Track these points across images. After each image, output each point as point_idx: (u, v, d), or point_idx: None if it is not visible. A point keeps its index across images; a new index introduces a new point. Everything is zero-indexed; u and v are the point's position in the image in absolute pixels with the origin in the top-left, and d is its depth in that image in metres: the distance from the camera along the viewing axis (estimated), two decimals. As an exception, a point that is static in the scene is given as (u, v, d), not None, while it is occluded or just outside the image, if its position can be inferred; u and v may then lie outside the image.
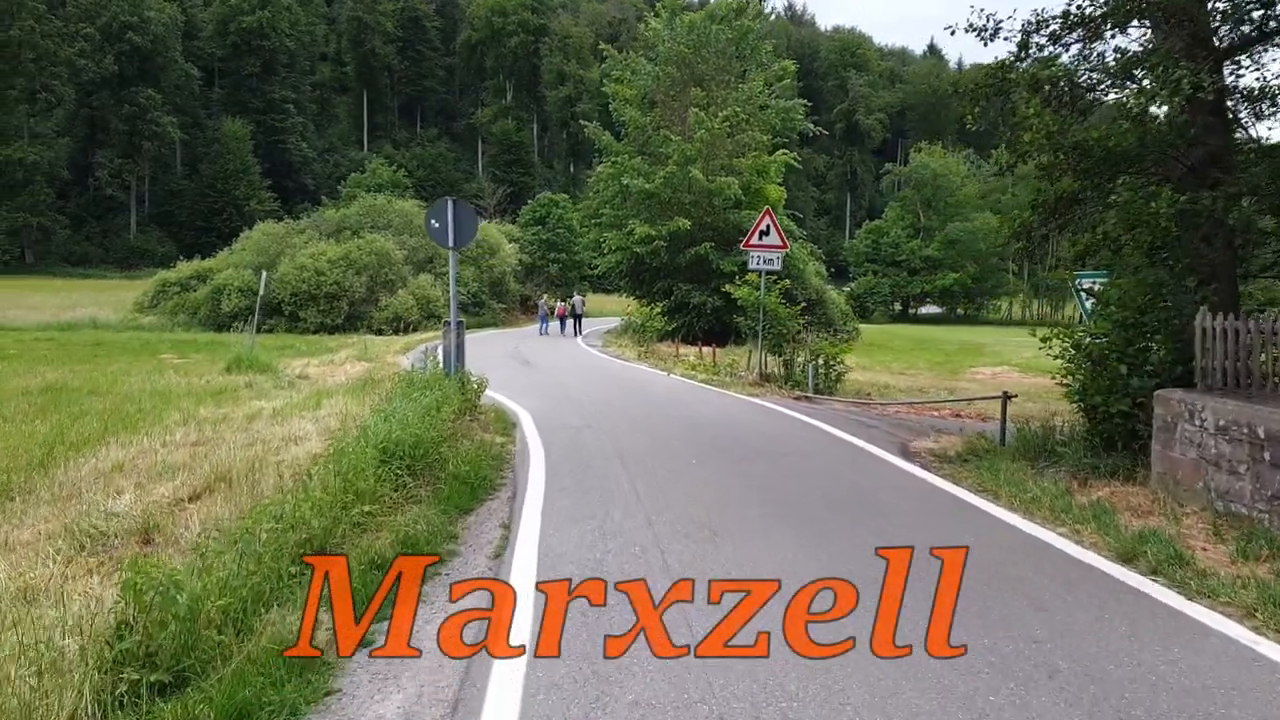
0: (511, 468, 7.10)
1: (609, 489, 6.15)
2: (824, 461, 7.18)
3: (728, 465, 6.92)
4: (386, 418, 6.38)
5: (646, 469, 6.82)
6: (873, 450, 7.91)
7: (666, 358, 20.26)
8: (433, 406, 6.79)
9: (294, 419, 10.22)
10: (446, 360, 9.07)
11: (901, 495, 6.06)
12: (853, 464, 7.17)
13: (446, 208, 8.97)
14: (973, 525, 5.31)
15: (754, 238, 13.47)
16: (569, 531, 5.12)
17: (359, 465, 5.23)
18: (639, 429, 8.98)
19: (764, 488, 6.16)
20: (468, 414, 8.75)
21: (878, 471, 6.91)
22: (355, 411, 10.00)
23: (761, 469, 6.78)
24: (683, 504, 5.66)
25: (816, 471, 6.80)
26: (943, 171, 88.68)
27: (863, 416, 10.89)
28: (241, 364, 15.72)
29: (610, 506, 5.66)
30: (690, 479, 6.43)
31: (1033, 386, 17.88)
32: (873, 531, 5.08)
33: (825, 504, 5.75)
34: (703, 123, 28.01)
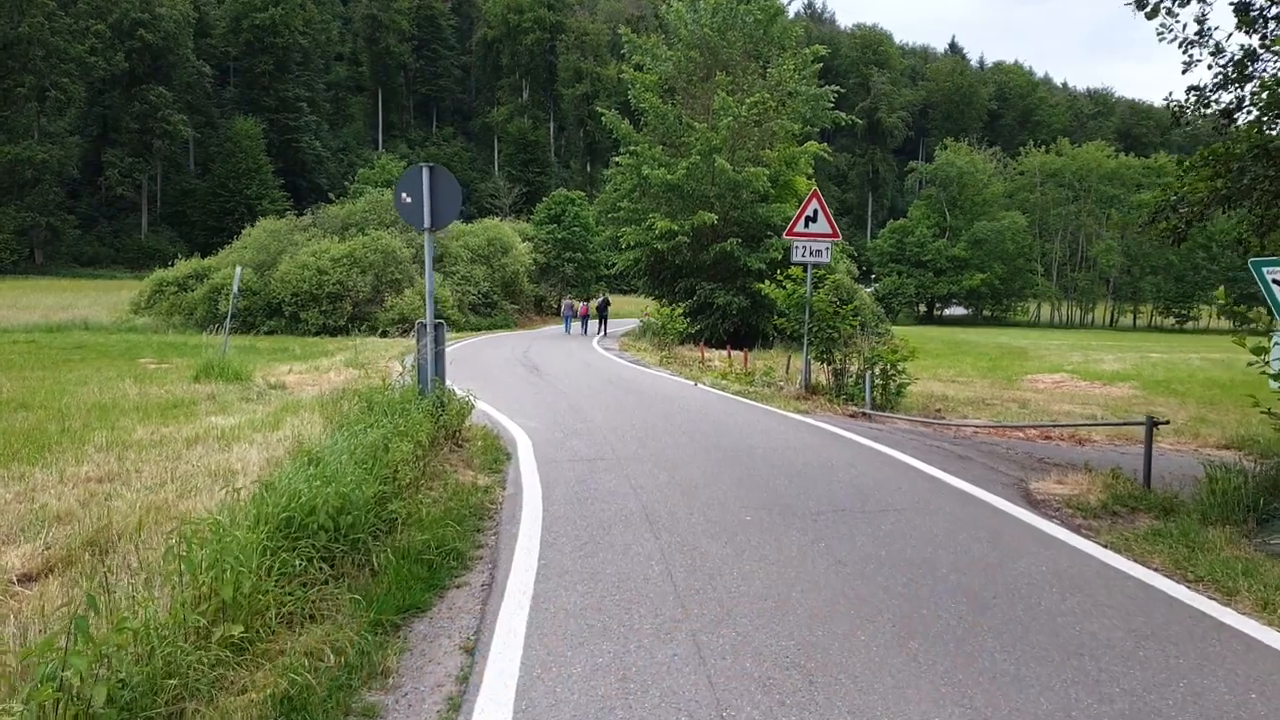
0: (495, 527, 5.10)
1: (631, 575, 4.14)
2: (934, 524, 5.11)
3: (801, 532, 4.87)
4: (313, 462, 4.41)
5: (684, 536, 4.79)
6: (987, 499, 5.84)
7: (691, 363, 18.21)
8: (380, 445, 4.81)
9: (242, 443, 8.32)
10: (421, 373, 7.11)
11: (1077, 589, 3.98)
12: (975, 527, 5.09)
13: (421, 178, 7.00)
14: (1233, 661, 3.25)
15: (799, 225, 11.42)
16: (568, 668, 3.12)
17: (242, 550, 3.26)
18: (667, 463, 6.95)
19: (866, 578, 4.11)
20: (447, 443, 6.77)
21: (1017, 540, 4.82)
22: (314, 434, 8.12)
23: (852, 541, 4.71)
24: (749, 613, 3.63)
25: (931, 542, 4.73)
26: (968, 169, 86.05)
27: (941, 441, 8.81)
28: (211, 371, 13.87)
29: (635, 613, 3.65)
30: (753, 560, 4.38)
31: (1110, 399, 15.68)
32: (1079, 681, 3.04)
33: (973, 611, 3.69)
34: (729, 109, 25.93)
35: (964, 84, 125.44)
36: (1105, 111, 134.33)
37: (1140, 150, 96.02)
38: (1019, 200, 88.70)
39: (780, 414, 10.14)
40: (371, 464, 4.49)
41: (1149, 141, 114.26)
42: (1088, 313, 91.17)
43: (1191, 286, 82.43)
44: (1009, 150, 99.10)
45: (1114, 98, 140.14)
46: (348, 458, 4.43)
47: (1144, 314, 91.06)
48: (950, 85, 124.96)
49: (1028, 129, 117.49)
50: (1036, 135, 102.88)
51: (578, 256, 47.79)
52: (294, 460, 4.68)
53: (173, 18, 74.17)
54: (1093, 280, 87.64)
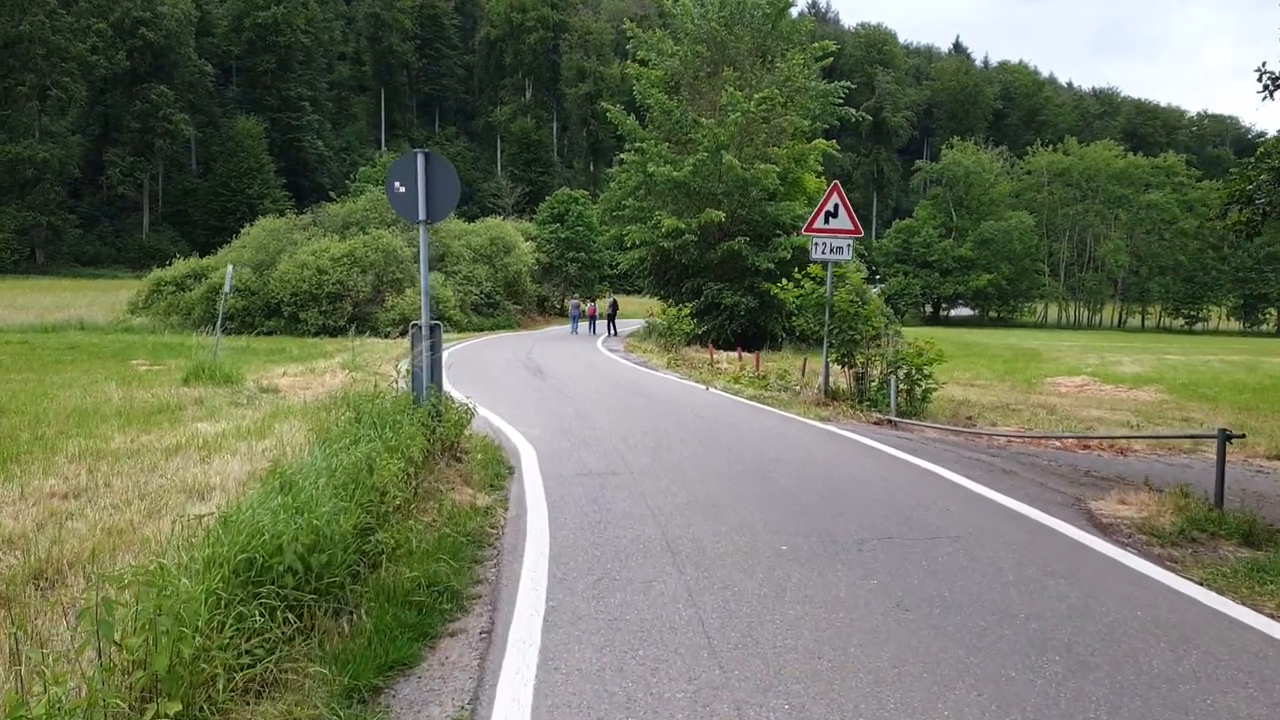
0: (496, 558, 4.49)
1: (656, 621, 3.52)
2: (997, 555, 4.47)
3: (847, 566, 4.24)
4: (285, 487, 3.80)
5: (712, 570, 4.17)
6: (1049, 523, 5.21)
7: (700, 366, 17.58)
8: (364, 465, 4.19)
9: (224, 454, 7.73)
10: (415, 380, 6.49)
11: (1189, 644, 3.30)
12: (1045, 558, 4.44)
13: (415, 165, 6.35)
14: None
15: (818, 220, 10.78)
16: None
17: (186, 605, 2.65)
18: (685, 478, 6.33)
19: (934, 627, 3.46)
20: (444, 457, 6.16)
21: (1098, 576, 4.14)
22: (299, 443, 7.52)
23: (908, 577, 4.07)
24: (801, 676, 2.99)
25: (999, 579, 4.09)
26: (975, 169, 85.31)
27: (977, 452, 8.18)
28: (202, 374, 13.28)
29: (663, 675, 3.02)
30: (796, 601, 3.74)
31: (1139, 404, 15.02)
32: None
33: (1072, 674, 3.03)
34: (737, 104, 25.30)
35: (969, 83, 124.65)
36: (1111, 111, 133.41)
37: (1146, 150, 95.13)
38: (1026, 200, 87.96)
39: (801, 421, 9.51)
40: (353, 488, 3.88)
41: (1155, 141, 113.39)
42: (1095, 314, 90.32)
43: (1201, 287, 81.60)
44: (1015, 150, 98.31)
45: (1120, 97, 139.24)
46: (325, 481, 3.81)
47: (1152, 315, 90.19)
48: (955, 85, 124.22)
49: (1033, 129, 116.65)
50: (1042, 135, 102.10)
51: (581, 256, 47.18)
52: (265, 484, 4.06)
53: (174, 16, 73.72)
54: (1100, 281, 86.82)
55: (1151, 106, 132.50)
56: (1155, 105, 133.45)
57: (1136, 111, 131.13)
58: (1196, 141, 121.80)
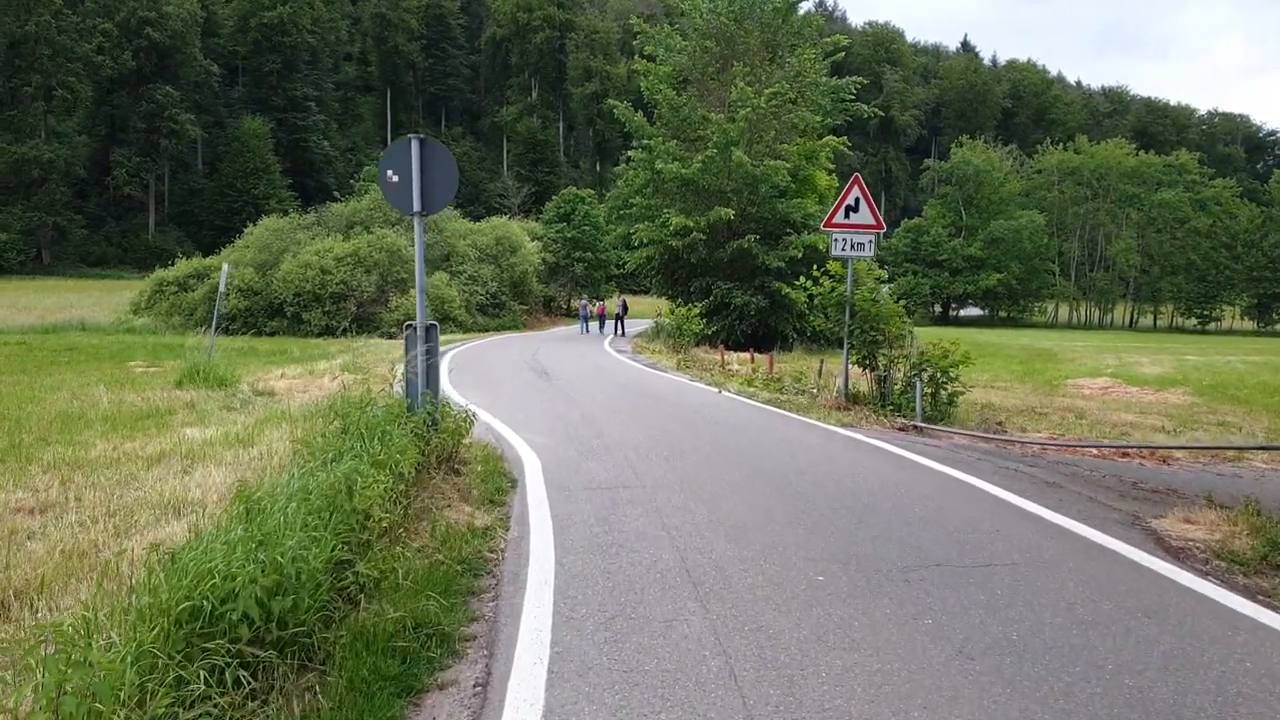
0: (495, 589, 3.96)
1: (680, 674, 2.99)
2: (1064, 587, 3.93)
3: (894, 601, 3.71)
4: (251, 513, 3.29)
5: (740, 606, 3.64)
6: (1113, 546, 4.66)
7: (711, 367, 17.05)
8: (343, 485, 3.67)
9: (209, 463, 7.24)
10: (410, 386, 5.97)
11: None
12: (1120, 591, 3.89)
13: (410, 152, 5.81)
14: None
15: (838, 215, 10.24)
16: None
17: (110, 672, 2.14)
18: (703, 493, 5.80)
19: (1008, 681, 2.91)
20: (440, 469, 5.65)
21: (1187, 615, 3.57)
22: (286, 452, 7.04)
23: (966, 615, 3.55)
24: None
25: (1072, 617, 3.54)
26: (985, 167, 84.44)
27: (1013, 461, 7.63)
28: (196, 377, 12.82)
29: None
30: (841, 647, 3.20)
31: (1169, 407, 14.41)
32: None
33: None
34: (747, 100, 24.75)
35: (977, 82, 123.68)
36: (1121, 110, 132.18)
37: (1157, 149, 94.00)
38: (1036, 199, 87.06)
39: (822, 427, 8.97)
40: (329, 514, 3.37)
41: (1166, 140, 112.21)
42: (1106, 314, 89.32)
43: (1214, 287, 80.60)
44: (1024, 149, 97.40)
45: (1129, 96, 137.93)
46: (297, 506, 3.30)
47: (1164, 315, 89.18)
48: (963, 83, 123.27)
49: (1042, 127, 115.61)
50: (1052, 134, 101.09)
51: (588, 256, 46.71)
52: (231, 508, 3.55)
53: (180, 16, 73.56)
54: (1111, 281, 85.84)
55: (1161, 105, 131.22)
56: (1165, 104, 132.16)
57: (1146, 110, 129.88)
58: (1207, 140, 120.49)
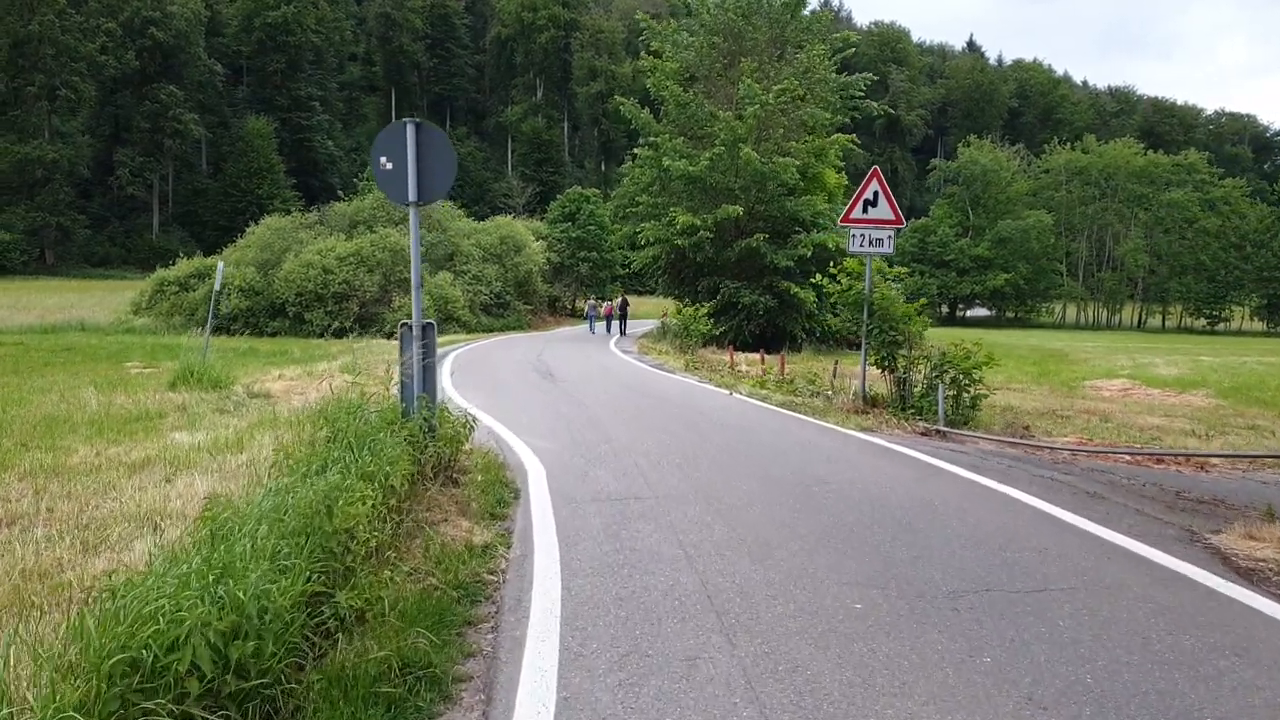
0: (494, 619, 3.55)
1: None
2: (1134, 617, 3.51)
3: (945, 634, 3.28)
4: (217, 538, 2.89)
5: (771, 640, 3.21)
6: (1177, 567, 4.23)
7: (720, 368, 16.62)
8: (323, 504, 3.25)
9: (193, 470, 6.85)
10: (404, 390, 5.56)
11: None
12: (1197, 622, 3.45)
13: (404, 137, 5.38)
14: None
15: (855, 210, 9.81)
16: None
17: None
18: (720, 505, 5.37)
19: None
20: (438, 479, 5.24)
21: (1277, 651, 3.22)
22: (273, 460, 6.64)
23: (1029, 651, 3.13)
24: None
25: (1149, 653, 3.10)
26: (992, 167, 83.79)
27: (1046, 469, 7.21)
28: (190, 378, 12.44)
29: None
30: (891, 693, 2.73)
31: (1194, 410, 13.94)
32: None
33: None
34: (755, 96, 24.32)
35: (984, 81, 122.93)
36: (1128, 110, 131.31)
37: (1164, 148, 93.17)
38: (1044, 199, 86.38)
39: (841, 432, 8.53)
40: (305, 536, 2.97)
41: (1173, 140, 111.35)
42: (1114, 314, 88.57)
43: (1224, 287, 79.86)
44: (1031, 148, 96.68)
45: (1135, 95, 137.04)
46: (269, 529, 2.89)
47: (1173, 315, 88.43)
48: (970, 83, 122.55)
49: (1049, 127, 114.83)
50: (1059, 133, 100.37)
51: (593, 256, 46.28)
52: (195, 530, 3.13)
53: (184, 16, 73.38)
54: (1120, 281, 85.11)
55: (1168, 105, 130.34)
56: (1172, 103, 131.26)
57: (1153, 110, 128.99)
58: (1214, 140, 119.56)
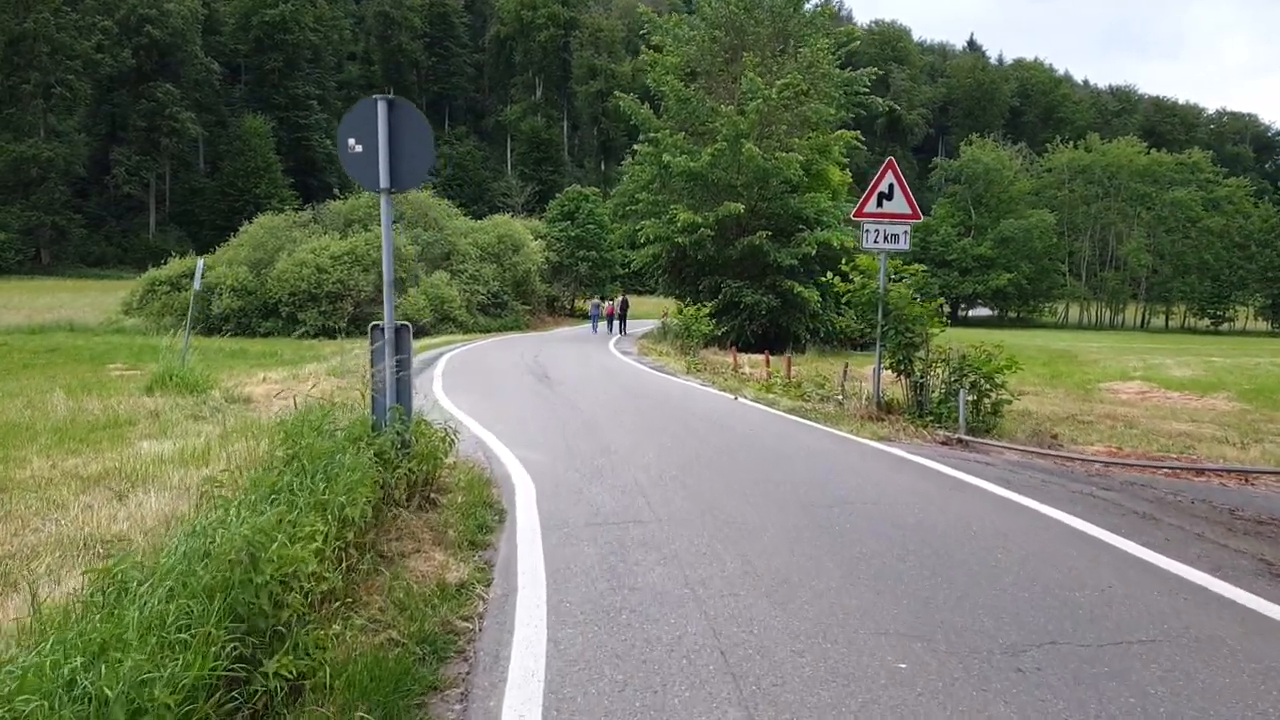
0: (465, 681, 2.93)
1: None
2: (1230, 676, 2.92)
3: (1012, 706, 2.68)
4: (120, 592, 2.28)
5: (802, 717, 2.62)
6: (1269, 612, 3.63)
7: (723, 370, 16.02)
8: (241, 552, 2.61)
9: (153, 485, 6.25)
10: (375, 401, 4.95)
11: None
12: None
13: (375, 116, 4.78)
14: None
15: (869, 204, 9.22)
16: None
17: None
18: (732, 531, 4.77)
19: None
20: (413, 500, 4.64)
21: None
22: (242, 470, 6.04)
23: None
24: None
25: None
26: (994, 166, 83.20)
27: (1083, 483, 6.61)
28: (167, 381, 11.84)
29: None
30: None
31: (1220, 414, 13.34)
32: None
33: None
34: (757, 91, 23.73)
35: (985, 80, 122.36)
36: (1129, 109, 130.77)
37: (1166, 148, 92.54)
38: (1046, 198, 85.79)
39: (857, 442, 7.93)
40: (221, 595, 2.37)
41: (1174, 139, 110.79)
42: (1118, 314, 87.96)
43: (1227, 287, 79.34)
44: (1033, 147, 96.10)
45: (1136, 95, 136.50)
46: (173, 588, 2.29)
47: (1176, 315, 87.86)
48: (971, 82, 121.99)
49: (1051, 126, 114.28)
50: (1060, 132, 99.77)
51: (592, 255, 45.68)
52: (94, 583, 2.51)
53: (181, 14, 72.79)
54: (1122, 280, 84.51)
55: (1170, 104, 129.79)
56: (1173, 102, 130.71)
57: (1155, 109, 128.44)
58: (1216, 139, 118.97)
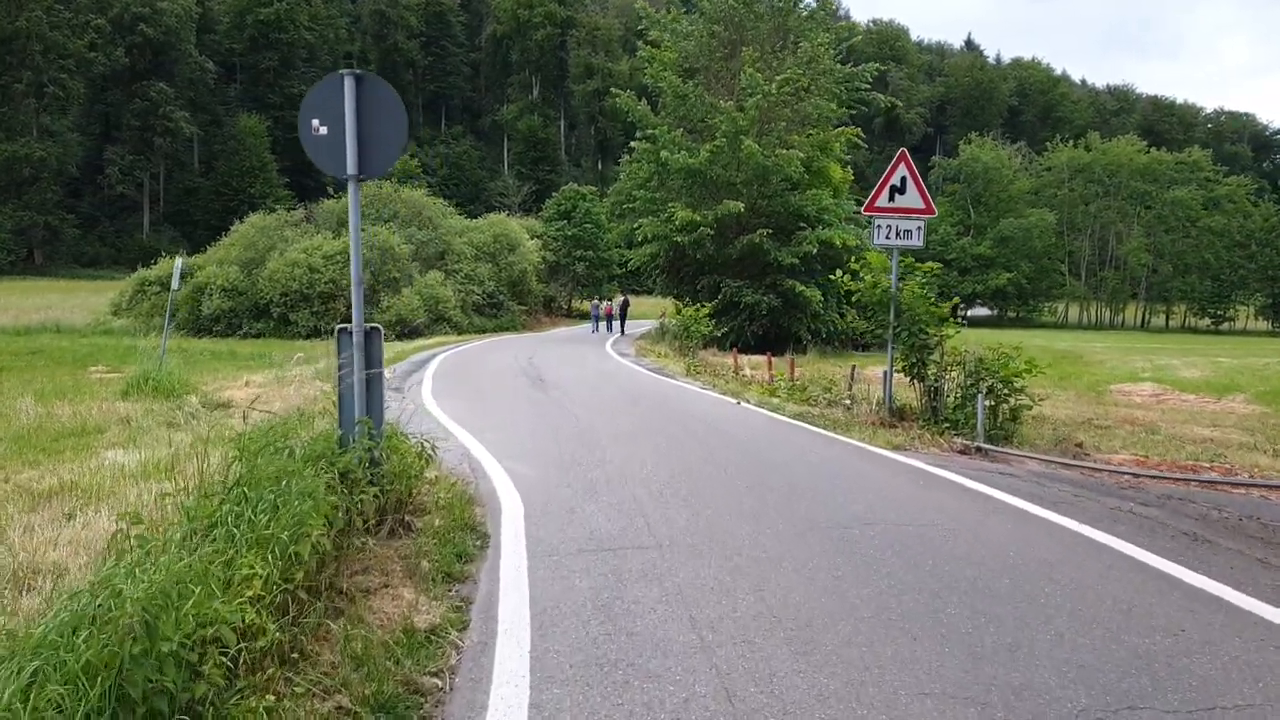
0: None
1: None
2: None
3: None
4: None
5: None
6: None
7: (723, 373, 15.50)
8: (136, 618, 2.09)
9: (108, 502, 5.72)
10: (343, 412, 4.42)
11: None
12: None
13: (342, 93, 4.25)
14: None
15: (881, 197, 8.71)
16: None
17: None
18: (741, 560, 4.24)
19: None
20: (385, 524, 4.12)
21: None
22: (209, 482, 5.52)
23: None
24: None
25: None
26: (994, 165, 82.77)
27: (1118, 497, 6.11)
28: (144, 385, 11.32)
29: None
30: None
31: (1241, 418, 12.84)
32: None
33: None
34: (757, 86, 23.23)
35: (983, 80, 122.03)
36: (1127, 108, 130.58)
37: (1164, 147, 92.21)
38: (1045, 197, 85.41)
39: (870, 451, 7.42)
40: (110, 675, 1.84)
41: (1173, 138, 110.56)
42: (1117, 314, 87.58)
43: (1228, 286, 79.03)
44: (1031, 147, 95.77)
45: (1134, 94, 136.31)
46: (54, 670, 1.77)
47: (1176, 315, 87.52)
48: (969, 81, 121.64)
49: (1049, 125, 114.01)
50: (1059, 132, 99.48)
51: (589, 255, 45.16)
52: None
53: (174, 12, 72.19)
54: (1122, 280, 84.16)
55: (1168, 103, 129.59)
56: (1172, 102, 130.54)
57: (1153, 108, 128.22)
58: (1214, 139, 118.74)
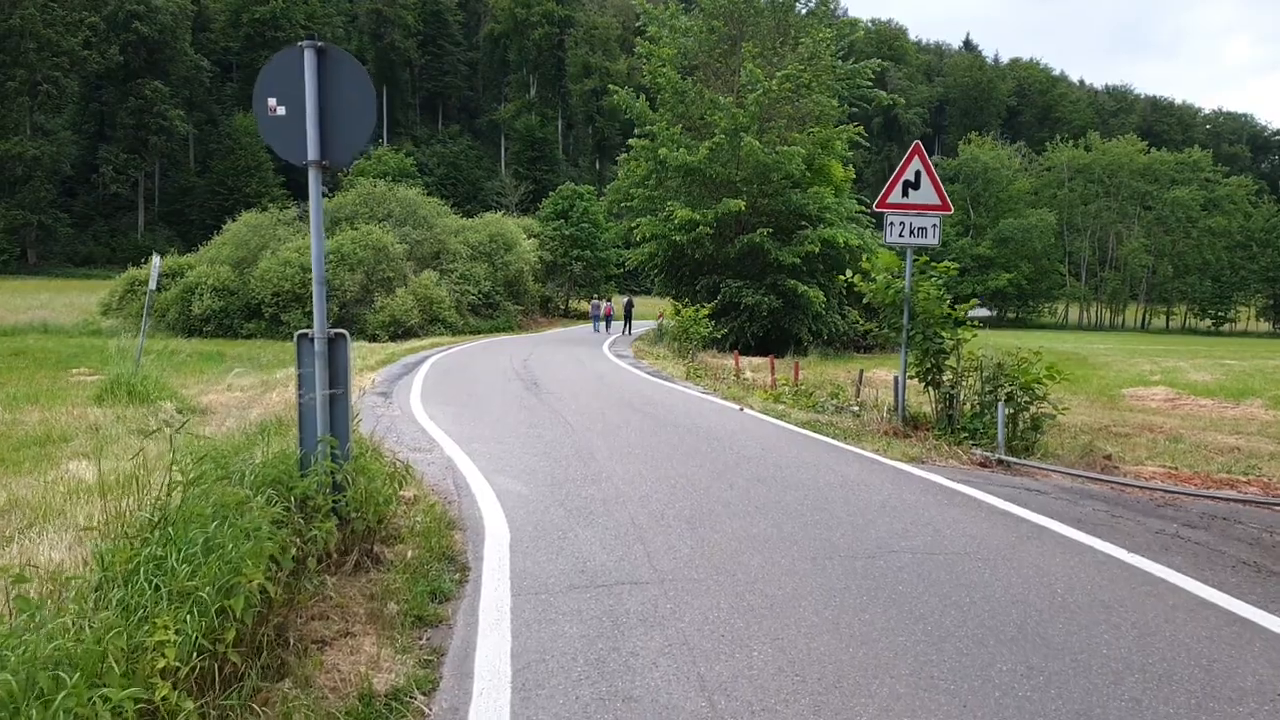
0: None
1: None
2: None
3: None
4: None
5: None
6: None
7: (724, 376, 15.00)
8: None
9: (56, 522, 5.22)
10: (304, 429, 3.91)
11: None
12: None
13: (303, 71, 3.76)
14: None
15: (893, 193, 8.23)
16: None
17: None
18: (759, 605, 3.72)
19: None
20: (350, 556, 3.63)
21: None
22: (167, 501, 5.02)
23: None
24: None
25: None
26: (993, 165, 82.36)
27: (1162, 519, 5.63)
28: (119, 390, 10.80)
29: None
30: None
31: (1265, 424, 12.38)
32: None
33: None
34: (758, 82, 22.75)
35: (982, 80, 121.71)
36: (1126, 108, 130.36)
37: (1163, 147, 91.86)
38: (1045, 197, 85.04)
39: (886, 465, 6.92)
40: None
41: (1171, 139, 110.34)
42: (1117, 315, 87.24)
43: (1229, 287, 78.74)
44: (1030, 147, 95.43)
45: (1133, 94, 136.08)
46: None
47: (1177, 316, 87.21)
48: (968, 81, 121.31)
49: (1048, 125, 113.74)
50: (1057, 132, 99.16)
51: (586, 254, 44.66)
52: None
53: (169, 10, 71.61)
54: (1122, 281, 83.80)
55: (1167, 103, 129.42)
56: (1170, 102, 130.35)
57: (1152, 109, 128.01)
58: (1212, 139, 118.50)
